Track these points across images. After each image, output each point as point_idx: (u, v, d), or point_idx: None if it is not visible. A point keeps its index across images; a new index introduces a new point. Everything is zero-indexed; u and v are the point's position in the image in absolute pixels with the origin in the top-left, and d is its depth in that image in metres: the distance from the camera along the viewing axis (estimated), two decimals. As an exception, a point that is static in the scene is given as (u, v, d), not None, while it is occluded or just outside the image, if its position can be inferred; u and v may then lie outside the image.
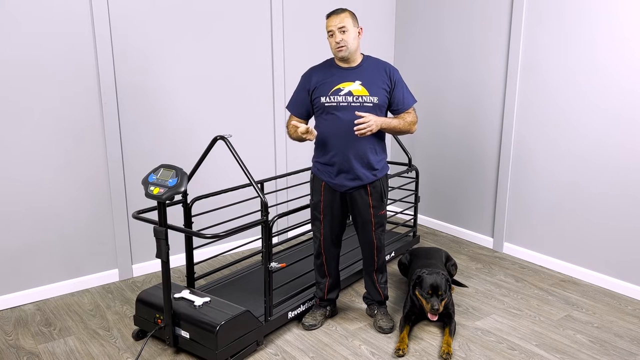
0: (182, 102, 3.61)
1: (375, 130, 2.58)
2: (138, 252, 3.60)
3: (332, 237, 2.86)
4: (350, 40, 2.59)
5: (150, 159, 3.53)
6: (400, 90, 2.73)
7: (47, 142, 3.14)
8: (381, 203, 2.80)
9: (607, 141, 3.33)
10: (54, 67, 3.09)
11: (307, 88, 2.74)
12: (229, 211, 3.59)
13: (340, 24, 2.57)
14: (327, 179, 2.75)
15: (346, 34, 2.58)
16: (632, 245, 3.29)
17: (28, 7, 2.95)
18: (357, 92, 2.63)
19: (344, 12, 2.60)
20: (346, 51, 2.61)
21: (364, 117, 2.53)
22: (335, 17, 2.59)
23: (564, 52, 3.48)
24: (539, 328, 2.93)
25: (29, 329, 2.90)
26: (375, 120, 2.56)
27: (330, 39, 2.63)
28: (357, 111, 2.58)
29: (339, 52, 2.61)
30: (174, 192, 2.36)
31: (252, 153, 4.01)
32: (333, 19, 2.60)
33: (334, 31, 2.59)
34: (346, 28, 2.58)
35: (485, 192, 4.14)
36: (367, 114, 2.55)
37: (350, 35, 2.59)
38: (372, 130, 2.55)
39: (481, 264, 3.84)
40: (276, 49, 3.97)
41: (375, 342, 2.78)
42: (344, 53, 2.61)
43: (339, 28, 2.58)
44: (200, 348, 2.50)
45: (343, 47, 2.59)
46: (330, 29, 2.60)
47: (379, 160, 2.75)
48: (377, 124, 2.57)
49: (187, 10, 3.52)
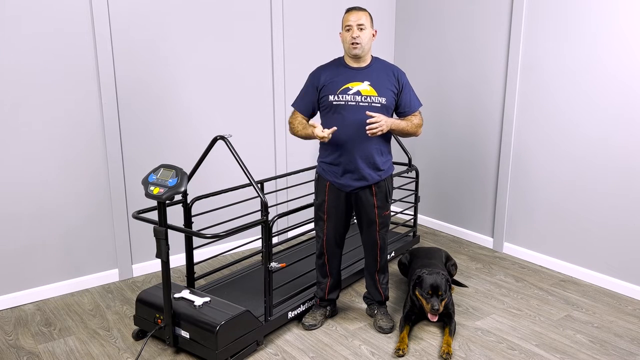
0: (182, 102, 3.61)
1: (385, 131, 2.58)
2: (138, 252, 3.60)
3: (335, 237, 2.86)
4: (366, 39, 2.61)
5: (151, 159, 3.53)
6: (408, 93, 2.73)
7: (47, 142, 3.14)
8: (386, 203, 2.80)
9: (607, 141, 3.33)
10: (54, 67, 3.09)
11: (315, 85, 2.73)
12: (229, 211, 3.58)
13: (359, 20, 2.58)
14: (333, 179, 2.75)
15: (363, 32, 2.59)
16: (632, 245, 3.29)
17: (28, 6, 2.95)
18: (365, 92, 2.63)
19: (364, 11, 2.62)
20: (360, 49, 2.61)
21: (376, 117, 2.53)
22: (355, 13, 2.60)
23: (564, 51, 3.48)
24: (539, 328, 2.93)
25: (29, 329, 2.90)
26: (386, 121, 2.56)
27: (346, 33, 2.62)
28: (367, 111, 2.58)
29: (354, 48, 2.61)
30: (174, 192, 2.36)
31: (252, 153, 4.01)
32: (353, 14, 2.61)
33: (352, 26, 2.59)
34: (364, 26, 2.59)
35: (485, 192, 4.14)
36: (378, 114, 2.55)
37: (366, 33, 2.60)
38: (382, 131, 2.55)
39: (481, 264, 3.84)
40: (276, 49, 3.97)
41: (375, 342, 2.78)
42: (357, 51, 2.61)
43: (358, 25, 2.58)
44: (200, 348, 2.50)
45: (358, 44, 2.59)
46: (348, 24, 2.60)
47: (385, 161, 2.75)
48: (387, 124, 2.57)
49: (187, 10, 3.52)
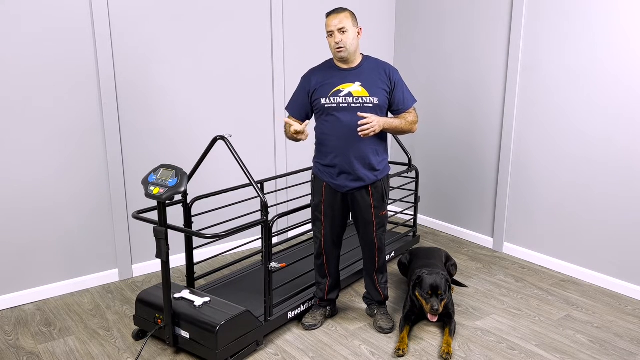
0: (183, 102, 3.61)
1: (378, 131, 2.57)
2: (138, 252, 3.60)
3: (332, 237, 2.86)
4: (350, 41, 2.59)
5: (150, 159, 3.53)
6: (401, 91, 2.72)
7: (47, 142, 3.14)
8: (382, 204, 2.80)
9: (607, 141, 3.33)
10: (54, 67, 3.09)
11: (307, 90, 2.73)
12: (229, 211, 3.59)
13: (339, 24, 2.56)
14: (329, 179, 2.75)
15: (345, 35, 2.57)
16: (632, 245, 3.29)
17: (27, 6, 2.95)
18: (357, 93, 2.63)
19: (344, 12, 2.59)
20: (345, 52, 2.60)
21: (367, 118, 2.52)
22: (334, 17, 2.58)
23: (564, 51, 3.48)
24: (539, 328, 2.93)
25: (29, 329, 2.90)
26: (378, 121, 2.56)
27: (330, 39, 2.62)
28: (358, 112, 2.57)
29: (339, 52, 2.61)
30: (174, 192, 2.36)
31: (252, 153, 4.01)
32: (332, 19, 2.58)
33: (333, 31, 2.58)
34: (345, 29, 2.57)
35: (485, 192, 4.14)
36: (370, 115, 2.54)
37: (349, 36, 2.58)
38: (375, 131, 2.54)
39: (481, 264, 3.84)
40: (276, 49, 3.97)
41: (375, 342, 2.78)
42: (343, 54, 2.61)
43: (339, 29, 2.57)
44: (200, 348, 2.50)
45: (342, 47, 2.58)
46: (329, 30, 2.59)
47: (381, 161, 2.74)
48: (379, 124, 2.56)
49: (187, 10, 3.52)
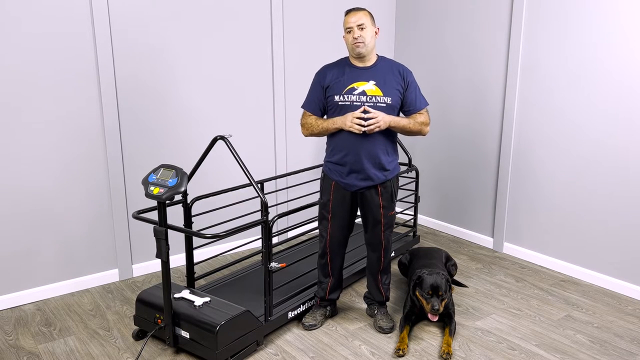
0: (183, 102, 3.61)
1: (383, 127, 2.58)
2: (138, 252, 3.60)
3: (339, 237, 2.85)
4: (368, 37, 2.61)
5: (151, 159, 3.53)
6: (413, 92, 2.72)
7: (47, 142, 3.14)
8: (391, 203, 2.80)
9: (607, 141, 3.33)
10: (54, 68, 3.09)
11: (321, 84, 2.73)
12: (229, 211, 3.59)
13: (358, 20, 2.59)
14: (338, 178, 2.75)
15: (364, 31, 2.59)
16: (632, 245, 3.29)
17: (27, 6, 2.95)
18: (370, 92, 2.63)
19: (363, 10, 2.63)
20: (363, 47, 2.61)
21: (372, 113, 2.54)
22: (354, 14, 2.61)
23: (564, 51, 3.48)
24: (539, 328, 2.93)
25: (29, 329, 2.90)
26: (384, 117, 2.57)
27: (348, 35, 2.63)
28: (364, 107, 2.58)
29: (357, 47, 2.61)
30: (174, 192, 2.36)
31: (252, 153, 4.01)
32: (351, 16, 2.61)
33: (352, 27, 2.60)
34: (364, 25, 2.59)
35: (486, 192, 4.14)
36: (375, 111, 2.55)
37: (367, 32, 2.60)
38: (380, 127, 2.56)
39: (481, 264, 3.84)
40: (276, 49, 3.97)
41: (375, 342, 2.78)
42: (361, 49, 2.61)
43: (358, 25, 2.59)
44: (200, 348, 2.50)
45: (361, 42, 2.60)
46: (348, 26, 2.61)
47: (391, 161, 2.74)
48: (385, 120, 2.57)
49: (188, 10, 3.52)
